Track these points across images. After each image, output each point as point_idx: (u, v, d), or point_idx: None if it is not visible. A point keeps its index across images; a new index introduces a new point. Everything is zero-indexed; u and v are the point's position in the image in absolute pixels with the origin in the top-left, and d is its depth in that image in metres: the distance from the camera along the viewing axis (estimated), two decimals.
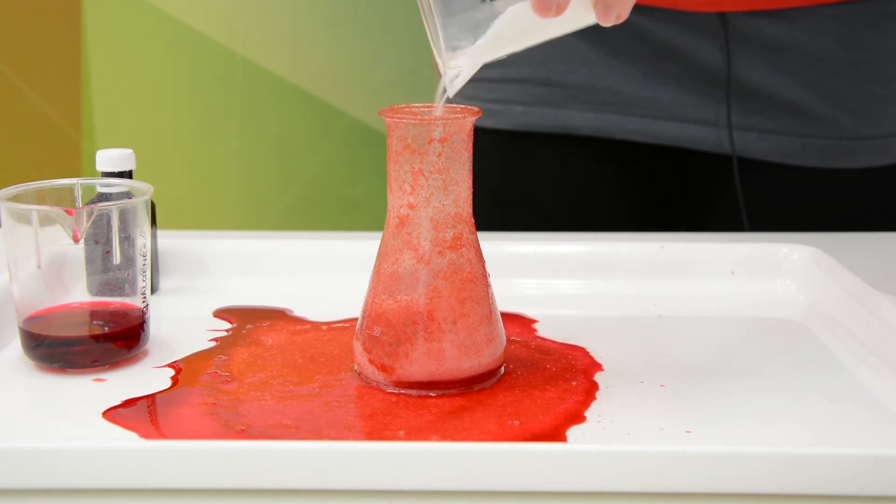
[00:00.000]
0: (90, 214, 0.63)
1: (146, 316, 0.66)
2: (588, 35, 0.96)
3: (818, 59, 0.94)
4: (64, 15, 1.36)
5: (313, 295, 0.78)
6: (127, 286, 0.66)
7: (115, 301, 0.67)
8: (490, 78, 1.01)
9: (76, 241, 0.62)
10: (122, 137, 1.38)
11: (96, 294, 0.68)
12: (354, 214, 1.43)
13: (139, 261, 0.66)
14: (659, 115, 0.97)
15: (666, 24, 0.94)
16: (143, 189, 0.67)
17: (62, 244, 0.63)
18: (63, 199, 0.68)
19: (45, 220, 0.63)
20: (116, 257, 0.65)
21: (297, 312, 0.75)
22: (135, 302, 0.66)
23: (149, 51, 1.37)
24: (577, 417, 0.59)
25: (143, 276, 0.66)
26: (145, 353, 0.67)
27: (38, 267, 0.64)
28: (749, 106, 0.96)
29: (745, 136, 0.96)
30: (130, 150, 0.76)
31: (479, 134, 1.02)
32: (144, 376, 0.63)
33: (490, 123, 1.02)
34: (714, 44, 0.94)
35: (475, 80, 1.04)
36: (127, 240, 0.65)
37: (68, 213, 0.62)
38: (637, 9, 0.94)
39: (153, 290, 0.78)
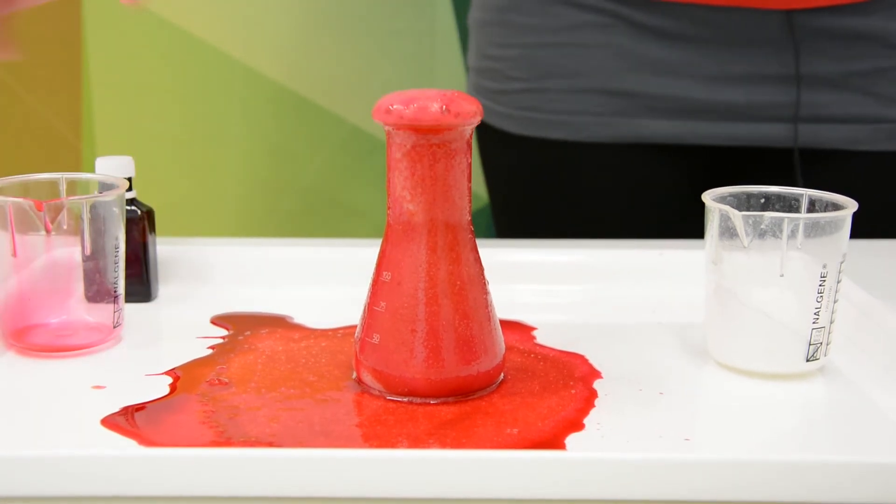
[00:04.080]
0: (60, 208, 0.65)
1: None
2: (657, 43, 0.96)
3: (889, 44, 0.94)
4: (64, 21, 1.36)
5: (312, 302, 0.78)
6: (98, 276, 0.68)
7: None
8: (556, 88, 1.00)
9: (48, 232, 0.64)
10: (121, 144, 1.38)
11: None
12: (354, 221, 1.43)
13: (111, 254, 0.68)
14: (732, 118, 0.98)
15: (735, 24, 0.94)
16: (117, 183, 0.69)
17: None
18: (52, 193, 0.70)
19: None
20: (87, 248, 0.67)
21: (296, 320, 0.75)
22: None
23: (149, 57, 1.37)
24: (576, 425, 0.59)
25: (116, 268, 0.68)
26: (144, 361, 0.67)
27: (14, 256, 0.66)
28: (821, 97, 0.96)
29: (817, 128, 0.97)
30: (130, 157, 0.76)
31: (545, 145, 1.02)
32: (143, 383, 0.63)
33: (558, 135, 1.01)
34: (783, 39, 0.94)
35: (536, 91, 1.04)
36: (99, 234, 0.67)
37: (38, 206, 0.64)
38: (704, 9, 0.94)
39: (152, 298, 0.78)
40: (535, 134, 1.02)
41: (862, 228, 0.97)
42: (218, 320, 0.75)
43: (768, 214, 0.62)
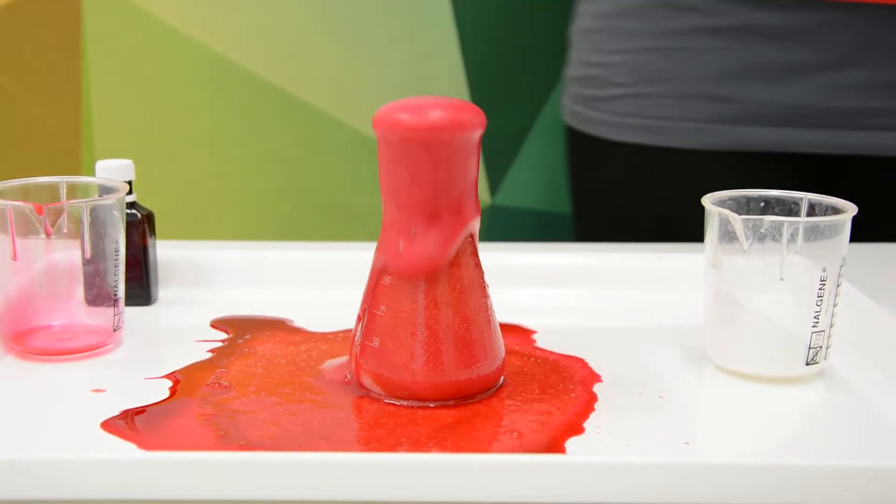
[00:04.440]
0: (60, 212, 0.65)
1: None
2: (771, 46, 0.95)
3: None
4: (63, 25, 1.36)
5: (312, 305, 0.78)
6: (98, 279, 0.68)
7: None
8: (658, 94, 0.99)
9: (48, 235, 0.64)
10: (121, 148, 1.38)
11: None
12: (354, 224, 1.43)
13: (111, 258, 0.68)
14: (845, 125, 0.95)
15: (860, 24, 0.92)
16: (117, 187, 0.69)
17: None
18: (53, 197, 0.70)
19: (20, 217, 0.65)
20: (87, 252, 0.67)
21: (296, 323, 0.75)
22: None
23: (148, 61, 1.38)
24: (576, 429, 0.59)
25: (116, 272, 0.68)
26: (144, 364, 0.67)
27: (14, 259, 0.66)
28: None
29: None
30: (130, 161, 0.76)
31: (644, 152, 1.01)
32: (142, 387, 0.63)
33: (658, 141, 0.99)
34: None
35: (638, 97, 1.02)
36: (99, 237, 0.67)
37: (38, 210, 0.64)
38: (834, 8, 0.90)
39: (152, 301, 0.78)
40: (634, 140, 1.00)
41: None
42: (218, 324, 0.75)
43: (768, 218, 0.63)
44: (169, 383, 0.64)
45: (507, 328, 0.72)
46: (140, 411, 0.60)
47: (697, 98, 0.98)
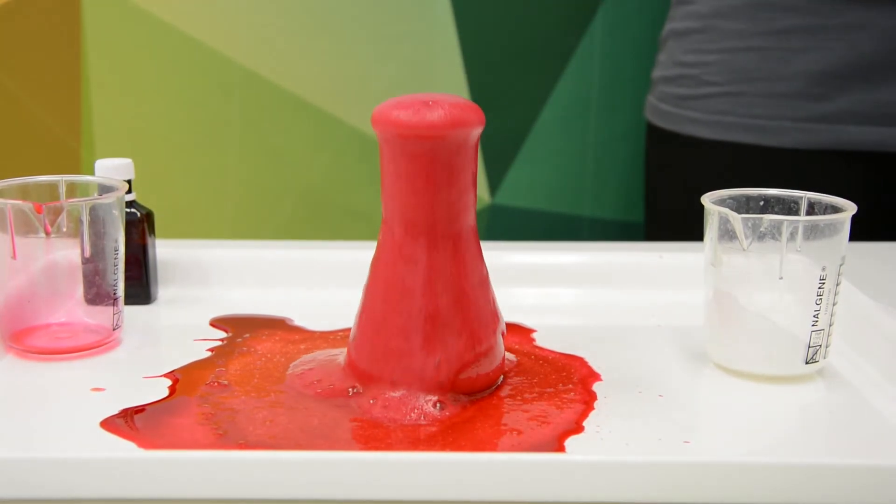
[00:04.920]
0: (59, 211, 0.65)
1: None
2: (874, 44, 0.94)
3: None
4: (63, 25, 1.36)
5: (312, 304, 0.78)
6: (98, 278, 0.68)
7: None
8: (753, 92, 0.99)
9: (48, 234, 0.64)
10: (121, 147, 1.38)
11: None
12: (354, 223, 1.43)
13: (111, 257, 0.68)
14: None
15: None
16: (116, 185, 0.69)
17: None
18: (52, 196, 0.70)
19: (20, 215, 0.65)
20: (87, 251, 0.67)
21: (296, 322, 0.75)
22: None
23: (148, 60, 1.38)
24: (576, 427, 0.59)
25: (115, 271, 0.68)
26: (143, 363, 0.67)
27: (13, 258, 0.66)
28: None
29: None
30: (129, 160, 0.76)
31: (735, 150, 1.00)
32: (142, 386, 0.63)
33: (751, 139, 0.99)
34: None
35: (733, 95, 1.02)
36: (98, 236, 0.67)
37: (37, 209, 0.64)
38: None
39: (151, 300, 0.78)
40: (725, 138, 1.00)
41: None
42: (217, 322, 0.75)
43: (767, 217, 0.63)
44: (168, 382, 0.64)
45: (507, 327, 0.72)
46: (139, 410, 0.60)
47: (794, 96, 0.98)
